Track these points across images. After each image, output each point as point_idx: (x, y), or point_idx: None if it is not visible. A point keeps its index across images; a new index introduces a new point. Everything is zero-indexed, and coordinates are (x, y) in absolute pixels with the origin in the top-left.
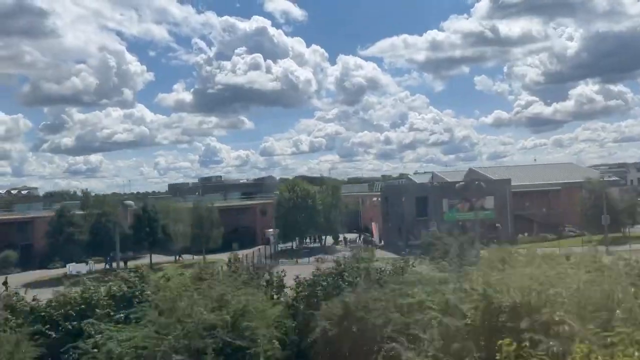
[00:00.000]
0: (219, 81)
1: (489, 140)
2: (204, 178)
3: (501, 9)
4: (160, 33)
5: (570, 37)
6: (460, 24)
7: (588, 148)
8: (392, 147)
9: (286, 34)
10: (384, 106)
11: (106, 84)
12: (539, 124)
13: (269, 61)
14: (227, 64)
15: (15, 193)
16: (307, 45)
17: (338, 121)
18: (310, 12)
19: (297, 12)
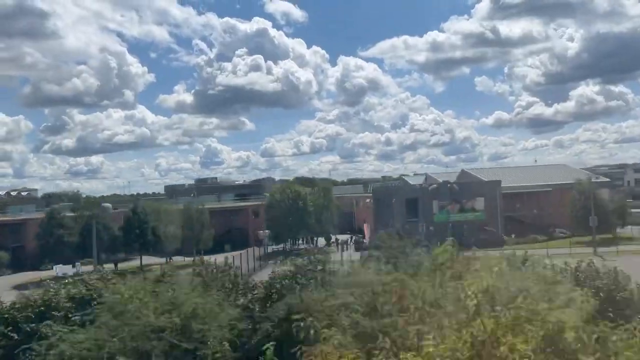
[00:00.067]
0: (219, 82)
1: (489, 141)
2: (199, 179)
3: (501, 9)
4: (161, 34)
5: (570, 37)
6: (461, 25)
7: (589, 149)
8: (392, 148)
9: (287, 35)
10: (384, 107)
11: (107, 85)
12: (540, 124)
13: (270, 62)
14: (228, 65)
15: (14, 194)
16: (308, 46)
17: (339, 122)
18: (311, 13)
19: (298, 14)
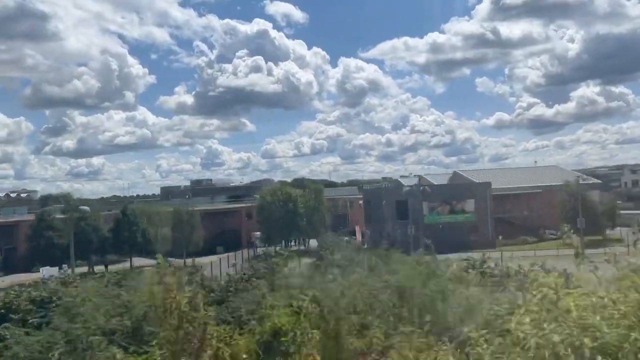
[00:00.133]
0: (220, 84)
1: (490, 142)
2: (195, 181)
3: (502, 11)
4: (162, 36)
5: (571, 39)
6: (461, 26)
7: (590, 150)
8: (393, 149)
9: (287, 36)
10: (385, 108)
11: (108, 86)
12: (541, 125)
13: (270, 64)
14: (229, 67)
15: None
16: (309, 47)
17: (339, 123)
18: (312, 14)
19: (299, 15)
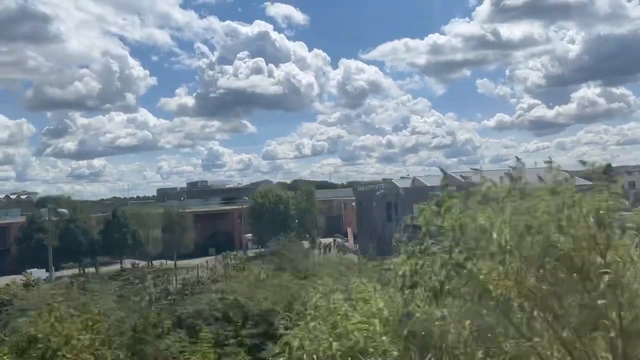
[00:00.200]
0: (221, 85)
1: (491, 144)
2: (190, 183)
3: (502, 12)
4: (163, 38)
5: (571, 40)
6: (462, 28)
7: (591, 151)
8: (394, 151)
9: (288, 38)
10: (385, 109)
11: (109, 88)
12: (542, 127)
13: (271, 65)
14: (230, 68)
15: (14, 198)
16: (309, 49)
17: (340, 125)
18: (312, 16)
19: (299, 17)
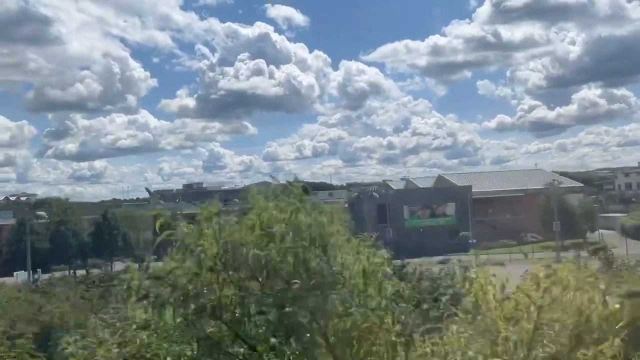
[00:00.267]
0: (222, 87)
1: (492, 145)
2: (186, 185)
3: (503, 13)
4: (164, 39)
5: (572, 41)
6: (462, 29)
7: (592, 152)
8: (395, 152)
9: (289, 39)
10: (386, 111)
11: (110, 90)
12: (543, 128)
13: (272, 67)
14: (230, 70)
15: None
16: (310, 50)
17: (341, 126)
18: (313, 18)
19: (300, 18)
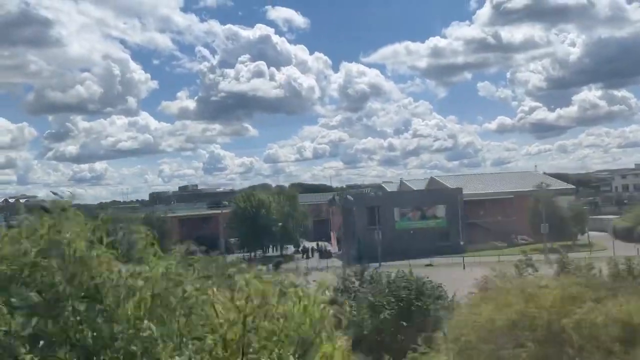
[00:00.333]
0: (222, 89)
1: (492, 147)
2: (182, 187)
3: (503, 15)
4: (164, 41)
5: (572, 43)
6: (462, 31)
7: (592, 154)
8: (395, 154)
9: (289, 41)
10: (387, 112)
11: (110, 92)
12: (543, 129)
13: (272, 69)
14: (231, 72)
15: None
16: (310, 52)
17: (341, 128)
18: (313, 19)
19: (300, 20)
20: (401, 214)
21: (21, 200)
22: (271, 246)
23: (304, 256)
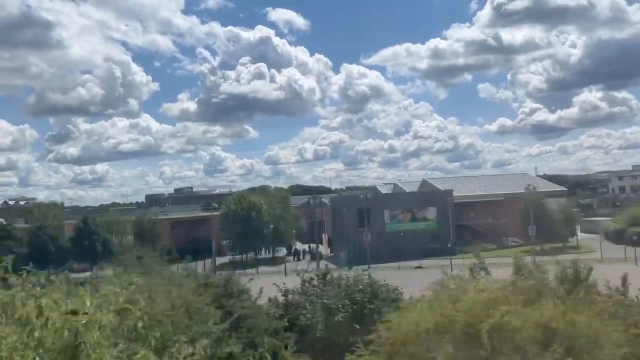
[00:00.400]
0: (223, 90)
1: (493, 148)
2: (177, 189)
3: (503, 17)
4: (165, 43)
5: (573, 44)
6: (463, 32)
7: (593, 155)
8: (396, 155)
9: (290, 43)
10: (387, 114)
11: (112, 94)
12: (544, 131)
13: (273, 70)
14: (232, 74)
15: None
16: (311, 54)
17: (342, 129)
18: (314, 21)
19: (301, 22)
20: (391, 216)
21: (20, 203)
22: (263, 248)
23: (295, 258)
